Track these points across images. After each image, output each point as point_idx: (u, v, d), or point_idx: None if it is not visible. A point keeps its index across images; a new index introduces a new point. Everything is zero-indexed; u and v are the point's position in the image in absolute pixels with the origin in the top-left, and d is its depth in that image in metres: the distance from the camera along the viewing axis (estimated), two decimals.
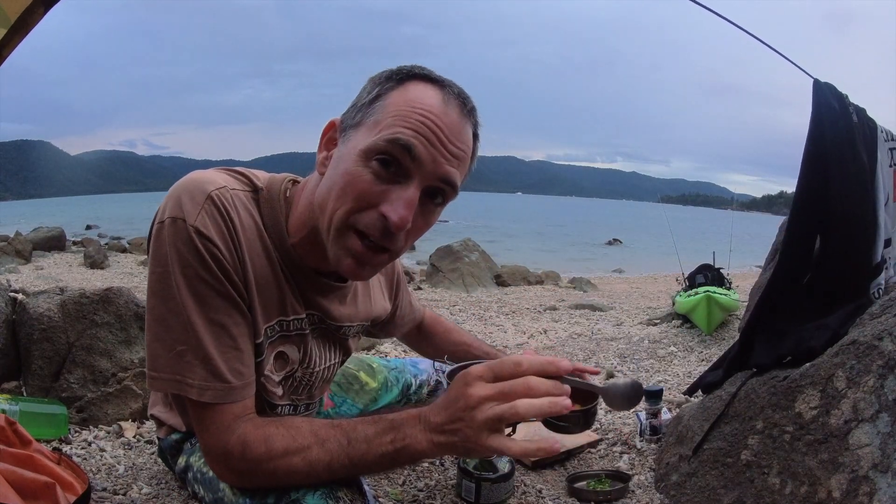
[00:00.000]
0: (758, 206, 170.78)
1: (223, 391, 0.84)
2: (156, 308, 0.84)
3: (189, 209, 0.82)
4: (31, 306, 1.63)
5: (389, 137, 0.77)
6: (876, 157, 1.50)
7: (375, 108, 0.80)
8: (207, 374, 0.83)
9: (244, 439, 0.84)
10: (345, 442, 0.82)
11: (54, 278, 7.21)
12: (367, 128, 0.80)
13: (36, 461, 1.01)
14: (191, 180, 0.85)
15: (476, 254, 7.92)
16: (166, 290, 0.83)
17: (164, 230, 0.83)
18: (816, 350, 1.24)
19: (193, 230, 0.81)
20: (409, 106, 0.78)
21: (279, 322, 0.94)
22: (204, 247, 0.82)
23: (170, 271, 0.82)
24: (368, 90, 0.83)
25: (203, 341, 0.83)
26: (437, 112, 0.79)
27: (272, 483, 0.86)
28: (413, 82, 0.81)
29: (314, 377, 1.06)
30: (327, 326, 1.03)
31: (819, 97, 1.39)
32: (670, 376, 2.65)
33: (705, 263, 4.72)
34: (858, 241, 1.43)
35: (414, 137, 0.77)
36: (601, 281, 10.09)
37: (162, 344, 0.84)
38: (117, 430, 1.59)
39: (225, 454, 0.85)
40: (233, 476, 0.88)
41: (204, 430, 0.87)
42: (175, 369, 0.83)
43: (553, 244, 22.04)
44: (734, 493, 1.22)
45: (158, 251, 0.83)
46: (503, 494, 1.30)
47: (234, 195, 0.87)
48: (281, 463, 0.83)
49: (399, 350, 2.90)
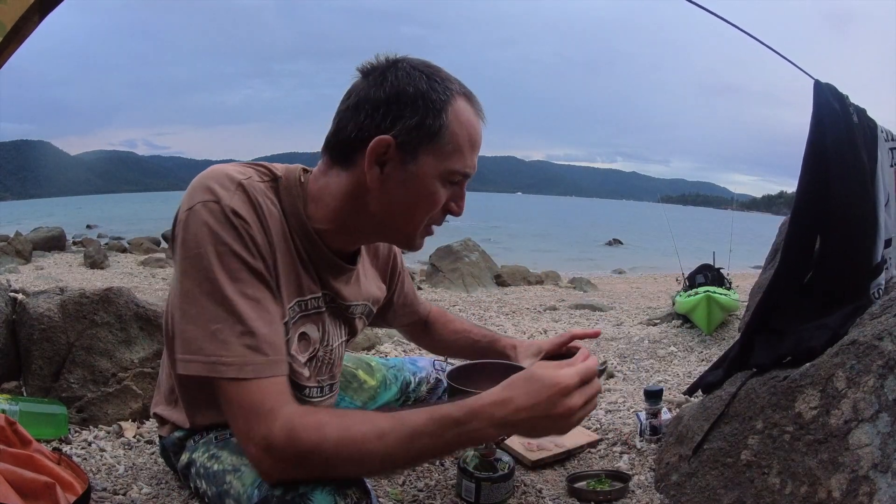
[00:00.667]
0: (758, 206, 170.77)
1: (263, 365, 0.84)
2: (189, 291, 0.85)
3: (222, 193, 0.87)
4: (31, 306, 1.63)
5: (462, 170, 0.95)
6: (876, 157, 1.50)
7: (444, 136, 0.91)
8: (245, 349, 0.83)
9: (291, 424, 0.81)
10: (405, 436, 0.82)
11: (54, 278, 7.21)
12: (442, 155, 0.92)
13: (36, 461, 1.01)
14: (217, 171, 0.91)
15: (476, 254, 7.92)
16: (199, 270, 0.84)
17: (195, 214, 0.86)
18: (816, 350, 1.24)
19: (229, 209, 0.86)
20: (466, 133, 0.93)
21: (298, 302, 0.99)
22: (240, 225, 0.86)
23: (203, 252, 0.84)
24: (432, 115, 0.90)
25: (242, 315, 0.84)
26: (479, 131, 0.97)
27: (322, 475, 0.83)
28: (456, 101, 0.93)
29: (333, 355, 1.12)
30: (337, 306, 1.10)
31: (820, 98, 1.39)
32: (670, 376, 2.65)
33: (705, 263, 4.72)
34: (858, 241, 1.43)
35: (473, 163, 0.97)
36: (601, 281, 10.09)
37: (195, 325, 0.84)
38: (117, 430, 1.59)
39: (267, 440, 0.81)
40: (276, 466, 0.82)
41: (242, 416, 0.82)
42: (210, 350, 0.82)
43: (553, 244, 22.04)
44: (734, 493, 1.22)
45: (189, 235, 0.86)
46: (503, 494, 1.30)
47: (258, 186, 0.93)
48: (332, 458, 0.81)
49: (399, 350, 2.90)
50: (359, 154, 0.92)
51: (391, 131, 0.89)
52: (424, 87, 0.90)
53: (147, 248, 12.39)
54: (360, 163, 0.92)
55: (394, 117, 0.89)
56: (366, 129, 0.90)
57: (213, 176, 0.90)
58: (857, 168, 1.41)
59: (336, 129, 0.95)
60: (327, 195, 0.97)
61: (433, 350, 1.57)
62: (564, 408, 0.83)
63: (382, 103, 0.90)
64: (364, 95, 0.92)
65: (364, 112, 0.91)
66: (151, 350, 1.72)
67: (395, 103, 0.89)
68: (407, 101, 0.89)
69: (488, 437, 0.85)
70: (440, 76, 0.92)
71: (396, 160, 0.91)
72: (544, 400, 0.82)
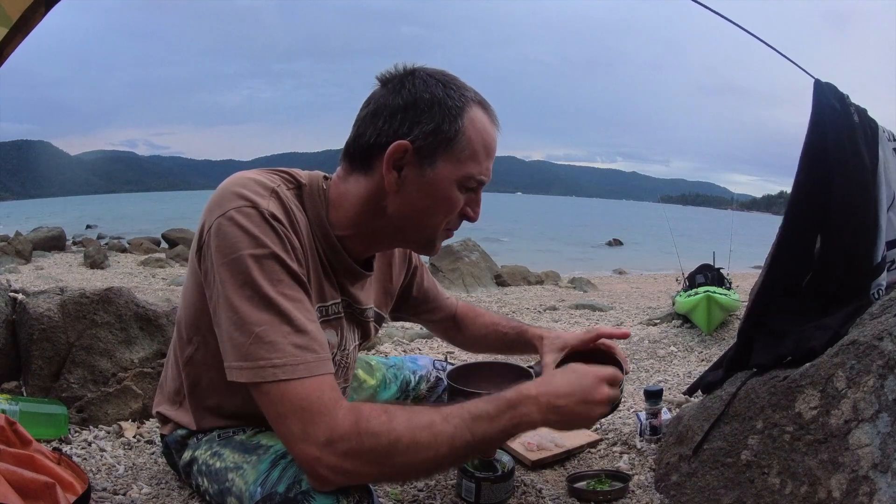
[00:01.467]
0: (758, 206, 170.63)
1: (315, 362, 0.83)
2: (227, 299, 0.84)
3: (257, 198, 0.88)
4: (31, 306, 1.63)
5: (477, 175, 0.97)
6: (878, 157, 1.50)
7: (460, 142, 0.94)
8: (295, 348, 0.82)
9: (357, 412, 0.80)
10: (468, 418, 0.85)
11: (54, 278, 7.22)
12: (458, 161, 0.94)
13: (36, 461, 1.01)
14: (245, 178, 0.92)
15: (476, 254, 7.92)
16: (237, 275, 0.84)
17: (230, 220, 0.86)
18: (816, 350, 1.24)
19: (268, 213, 0.88)
20: (482, 141, 0.96)
21: (320, 308, 1.01)
22: (280, 229, 0.88)
23: (241, 257, 0.84)
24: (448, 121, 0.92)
25: (288, 315, 0.83)
26: (495, 138, 0.99)
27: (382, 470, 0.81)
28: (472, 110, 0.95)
29: (349, 359, 1.14)
30: (353, 310, 1.12)
31: (820, 97, 1.39)
32: (670, 376, 2.65)
33: (705, 263, 4.71)
34: (859, 241, 1.43)
35: (489, 169, 0.99)
36: (601, 281, 10.09)
37: (240, 332, 0.83)
38: (117, 430, 1.59)
39: (332, 431, 0.78)
40: (342, 462, 0.78)
41: (297, 416, 0.79)
42: (258, 355, 0.81)
43: (553, 244, 22.03)
44: (734, 493, 1.22)
45: (225, 241, 0.85)
46: (503, 494, 1.30)
47: (288, 194, 0.95)
48: (404, 438, 0.79)
49: (399, 350, 2.90)
50: (377, 159, 0.94)
51: (409, 136, 0.92)
52: (441, 95, 0.92)
53: (147, 248, 12.40)
54: (379, 168, 0.94)
55: (411, 123, 0.92)
56: (384, 134, 0.92)
57: (241, 183, 0.90)
58: (858, 168, 1.41)
59: (355, 135, 0.97)
60: (347, 201, 0.99)
61: (467, 348, 1.54)
62: (601, 394, 0.93)
63: (400, 109, 0.92)
64: (383, 102, 0.94)
65: (382, 118, 0.93)
66: (151, 350, 1.72)
67: (413, 109, 0.92)
68: (424, 107, 0.92)
69: (535, 422, 0.89)
70: (456, 84, 0.95)
71: (414, 165, 0.93)
72: (584, 387, 0.92)
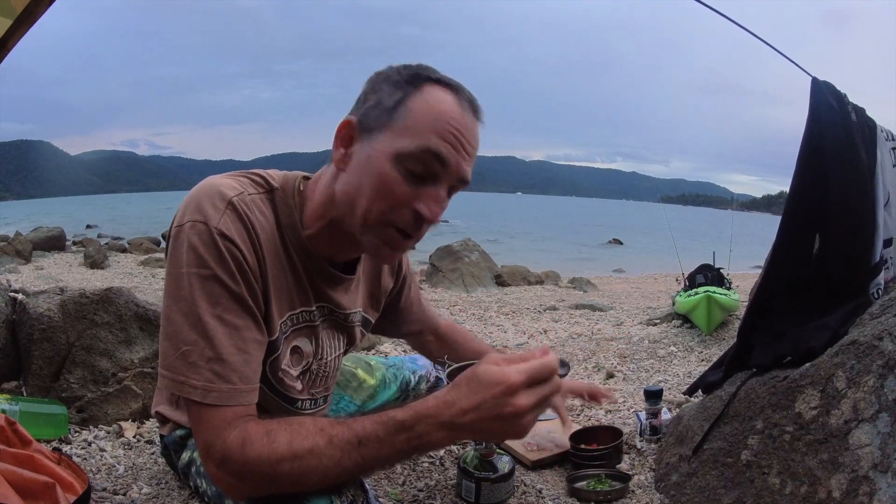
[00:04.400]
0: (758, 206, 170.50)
1: (228, 393, 0.83)
2: (167, 308, 0.85)
3: (211, 213, 0.85)
4: (31, 306, 1.63)
5: (422, 146, 0.84)
6: (875, 156, 1.50)
7: (400, 112, 0.86)
8: (213, 375, 0.83)
9: (245, 434, 0.81)
10: (355, 441, 0.79)
11: (54, 278, 7.21)
12: (395, 132, 0.85)
13: (36, 461, 1.01)
14: (210, 186, 0.89)
15: (476, 254, 7.92)
16: (179, 290, 0.84)
17: (184, 233, 0.85)
18: (816, 350, 1.24)
19: (217, 232, 0.84)
20: (433, 113, 0.85)
21: (290, 317, 0.97)
22: (226, 248, 0.84)
23: (184, 272, 0.83)
24: (388, 93, 0.87)
25: (213, 341, 0.83)
26: (457, 118, 0.86)
27: (273, 487, 0.82)
28: (429, 86, 0.87)
29: (328, 367, 1.10)
30: (336, 317, 1.07)
31: (817, 96, 1.39)
32: (670, 376, 2.65)
33: (705, 263, 4.71)
34: (857, 240, 1.43)
35: (442, 145, 0.85)
36: (601, 281, 10.08)
37: (170, 343, 0.84)
38: (117, 430, 1.59)
39: (224, 452, 0.81)
40: (231, 480, 0.82)
41: (202, 430, 0.84)
42: (179, 370, 0.83)
43: (553, 244, 22.02)
44: (734, 493, 1.22)
45: (176, 253, 0.85)
46: (503, 494, 1.30)
47: (252, 199, 0.91)
48: (285, 462, 0.79)
49: (399, 350, 2.90)
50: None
51: (357, 113, 0.90)
52: (393, 73, 0.90)
53: (147, 248, 12.39)
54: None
55: (363, 102, 0.90)
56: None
57: (206, 193, 0.88)
58: (855, 166, 1.41)
59: None
60: (317, 194, 0.96)
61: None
62: (512, 408, 0.75)
63: (362, 94, 0.92)
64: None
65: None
66: (151, 350, 1.72)
67: (369, 91, 0.91)
68: (373, 86, 0.90)
69: (438, 441, 0.80)
70: (418, 67, 0.90)
71: (359, 141, 0.90)
72: (489, 399, 0.76)
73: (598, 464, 1.48)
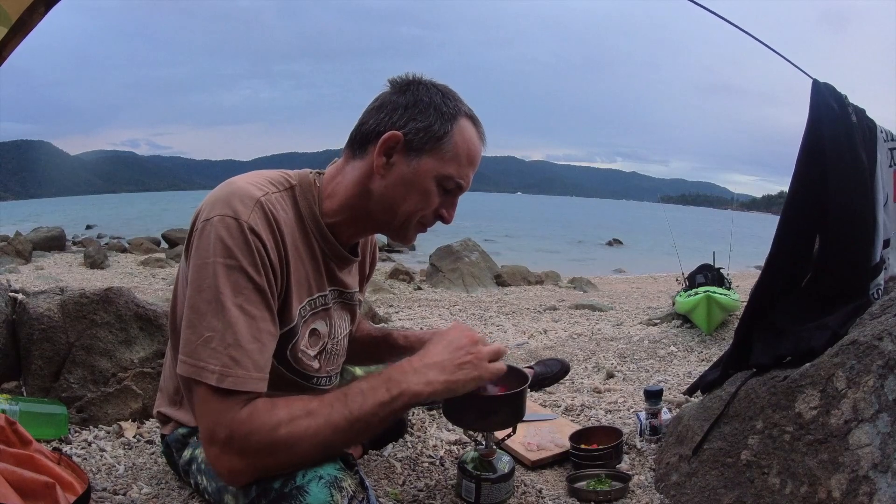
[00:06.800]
0: (758, 206, 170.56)
1: (243, 379, 0.89)
2: (192, 298, 0.92)
3: (241, 209, 0.94)
4: (31, 306, 1.63)
5: (458, 174, 1.07)
6: (875, 157, 1.50)
7: (446, 143, 1.04)
8: (230, 360, 0.89)
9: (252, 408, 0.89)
10: (342, 396, 0.93)
11: (54, 278, 7.22)
12: (440, 159, 1.04)
13: (36, 461, 1.01)
14: (238, 186, 0.98)
15: (476, 254, 7.93)
16: (204, 279, 0.91)
17: (212, 226, 0.92)
18: (816, 350, 1.25)
19: (247, 226, 0.92)
20: (466, 147, 1.06)
21: (309, 301, 1.08)
22: (254, 243, 0.92)
23: (210, 262, 0.90)
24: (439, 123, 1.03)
25: (234, 328, 0.89)
26: (479, 150, 1.10)
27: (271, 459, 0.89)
28: (463, 121, 1.06)
29: (339, 346, 1.22)
30: (344, 297, 1.20)
31: (818, 98, 1.39)
32: (670, 376, 2.65)
33: (705, 263, 4.72)
34: (857, 241, 1.43)
35: (468, 172, 1.09)
36: (601, 281, 10.09)
37: (193, 330, 0.90)
38: (117, 430, 1.59)
39: (231, 429, 0.88)
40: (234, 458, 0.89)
41: (210, 412, 0.89)
42: (200, 356, 0.89)
43: (553, 244, 22.01)
44: (734, 493, 1.22)
45: (202, 244, 0.92)
46: (503, 494, 1.30)
47: (275, 198, 1.01)
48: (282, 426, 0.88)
49: None
50: (373, 145, 1.04)
51: (403, 129, 1.03)
52: (438, 101, 1.04)
53: (147, 248, 12.40)
54: (372, 152, 1.04)
55: (408, 119, 1.03)
56: (383, 124, 1.04)
57: (235, 192, 0.96)
58: (855, 168, 1.41)
59: (359, 123, 1.08)
60: (341, 186, 1.08)
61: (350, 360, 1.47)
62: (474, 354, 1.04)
63: (401, 106, 1.04)
64: (387, 99, 1.06)
65: (385, 112, 1.05)
66: (151, 350, 1.72)
67: (412, 108, 1.04)
68: (421, 107, 1.03)
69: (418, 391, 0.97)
70: (453, 96, 1.07)
71: (402, 154, 1.03)
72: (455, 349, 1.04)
73: (598, 464, 1.49)
